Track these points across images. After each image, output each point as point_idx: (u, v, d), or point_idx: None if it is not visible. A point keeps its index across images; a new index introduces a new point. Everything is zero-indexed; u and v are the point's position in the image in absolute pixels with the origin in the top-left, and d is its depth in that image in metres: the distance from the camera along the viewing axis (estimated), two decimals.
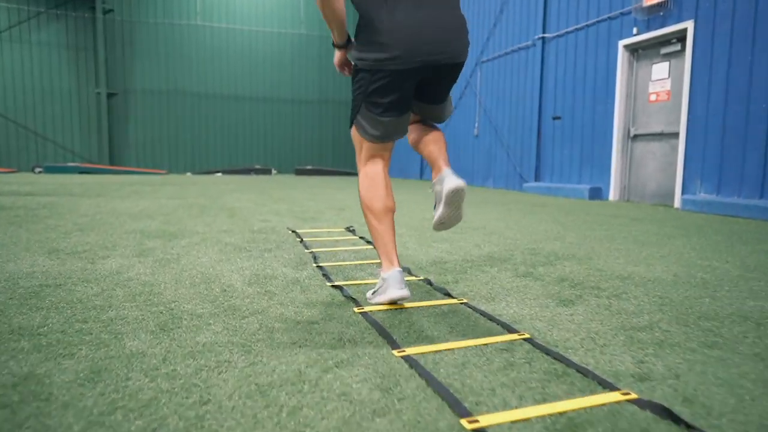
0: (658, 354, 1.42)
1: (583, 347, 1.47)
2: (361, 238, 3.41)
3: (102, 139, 15.78)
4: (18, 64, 15.08)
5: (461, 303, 1.91)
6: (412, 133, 2.02)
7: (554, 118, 8.81)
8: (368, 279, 2.27)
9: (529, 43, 9.43)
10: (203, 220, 4.29)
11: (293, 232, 3.66)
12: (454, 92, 12.25)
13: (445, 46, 1.71)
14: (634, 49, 7.24)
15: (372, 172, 1.86)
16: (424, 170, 14.21)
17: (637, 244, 3.36)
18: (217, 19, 16.50)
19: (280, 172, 17.58)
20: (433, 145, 1.93)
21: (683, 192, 6.34)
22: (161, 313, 1.72)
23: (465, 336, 1.55)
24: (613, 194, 7.51)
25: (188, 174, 16.05)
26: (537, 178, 9.28)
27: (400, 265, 1.80)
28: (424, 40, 1.68)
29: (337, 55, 1.91)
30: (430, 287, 2.15)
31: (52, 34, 15.33)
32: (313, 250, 2.96)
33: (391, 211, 1.83)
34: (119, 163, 16.09)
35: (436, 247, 3.11)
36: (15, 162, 15.28)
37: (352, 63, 1.84)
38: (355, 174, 15.45)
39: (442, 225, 1.89)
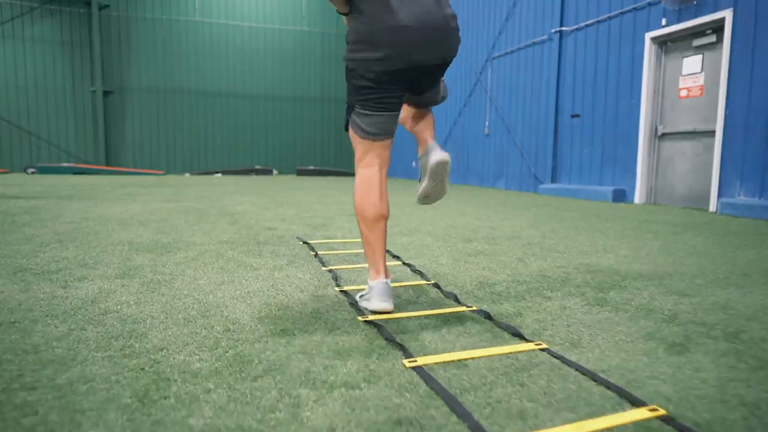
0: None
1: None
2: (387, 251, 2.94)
3: (98, 138, 15.30)
4: (11, 61, 14.60)
5: (540, 349, 1.44)
6: (406, 114, 2.01)
7: (573, 116, 8.35)
8: (408, 310, 1.81)
9: (545, 37, 8.96)
10: (201, 227, 3.83)
11: (305, 243, 3.19)
12: (464, 90, 11.79)
13: (435, 45, 1.70)
14: (662, 42, 6.78)
15: (368, 175, 1.81)
16: None
17: (703, 257, 2.90)
18: (217, 15, 16.03)
19: (281, 172, 17.12)
20: (421, 120, 1.96)
21: (720, 195, 5.87)
22: (142, 370, 1.25)
23: (571, 410, 1.08)
24: (638, 196, 7.05)
25: (186, 174, 15.58)
26: (554, 179, 8.81)
27: (387, 275, 1.78)
28: (412, 40, 1.65)
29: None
30: (491, 323, 1.68)
31: (46, 30, 14.84)
32: (332, 267, 2.50)
33: (384, 218, 1.79)
34: (115, 163, 15.61)
35: (475, 263, 2.64)
36: (8, 162, 14.80)
37: (344, 64, 1.80)
38: None
39: (426, 198, 1.91)
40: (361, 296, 1.86)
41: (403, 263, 2.61)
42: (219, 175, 15.20)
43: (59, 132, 15.23)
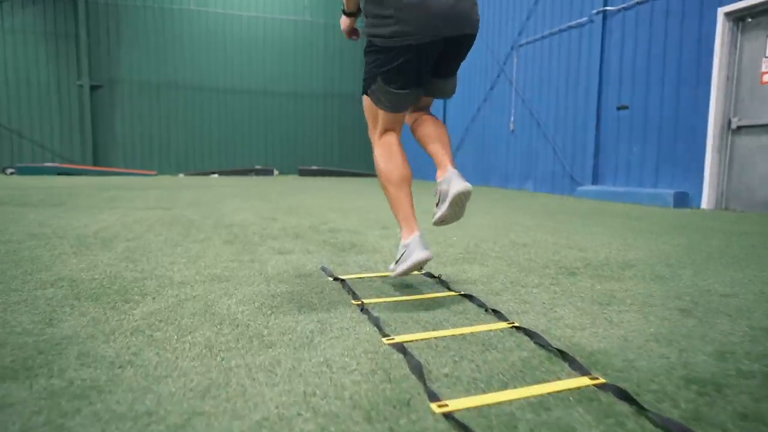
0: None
1: None
2: (467, 298, 1.88)
3: (84, 136, 14.23)
4: None
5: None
6: (414, 123, 2.04)
7: (619, 108, 7.31)
8: None
9: (585, 19, 7.91)
10: (187, 249, 2.77)
11: (337, 279, 2.14)
12: (484, 83, 10.76)
13: (458, 18, 1.75)
14: (739, 17, 5.74)
15: (388, 143, 1.92)
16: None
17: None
18: (213, 3, 15.00)
19: (282, 172, 16.07)
20: (438, 142, 1.95)
21: None
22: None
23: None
24: (707, 201, 6.01)
25: (180, 175, 14.54)
26: (595, 181, 7.77)
27: (419, 230, 1.82)
28: (435, 13, 1.70)
29: (345, 21, 1.98)
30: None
31: (28, 19, 13.76)
32: (399, 339, 1.42)
33: (408, 179, 1.88)
34: (104, 163, 14.55)
35: (627, 323, 1.58)
36: None
37: (366, 38, 1.82)
38: (366, 175, 13.78)
39: (442, 223, 1.90)
40: (396, 262, 1.82)
41: (513, 326, 1.54)
42: (215, 175, 14.18)
43: (43, 129, 14.17)
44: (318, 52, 16.16)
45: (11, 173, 12.65)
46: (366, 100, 1.92)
